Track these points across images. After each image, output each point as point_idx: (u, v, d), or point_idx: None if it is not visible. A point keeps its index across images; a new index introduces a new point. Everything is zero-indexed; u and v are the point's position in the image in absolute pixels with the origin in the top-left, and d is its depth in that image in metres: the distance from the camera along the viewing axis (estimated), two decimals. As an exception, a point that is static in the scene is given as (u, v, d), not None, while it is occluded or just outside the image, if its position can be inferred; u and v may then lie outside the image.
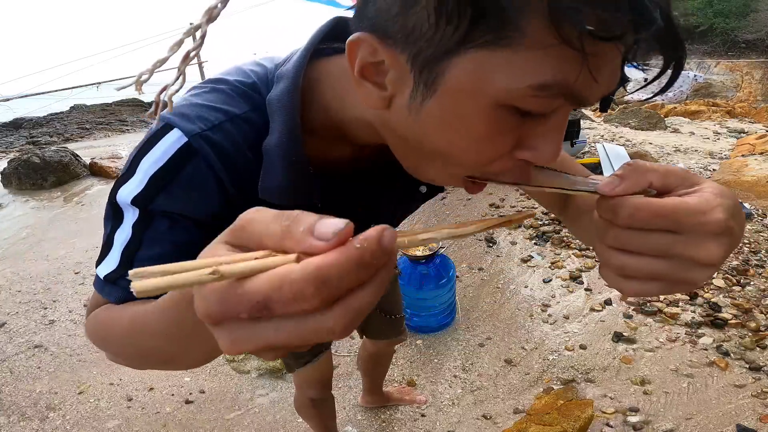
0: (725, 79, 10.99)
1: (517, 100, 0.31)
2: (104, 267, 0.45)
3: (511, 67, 0.29)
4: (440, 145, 0.35)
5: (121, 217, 0.45)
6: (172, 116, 0.43)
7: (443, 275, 1.94)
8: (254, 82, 0.47)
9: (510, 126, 0.33)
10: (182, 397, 1.84)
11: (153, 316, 0.36)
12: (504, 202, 3.45)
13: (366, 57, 0.35)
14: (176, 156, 0.43)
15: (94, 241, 3.47)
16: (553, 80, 0.29)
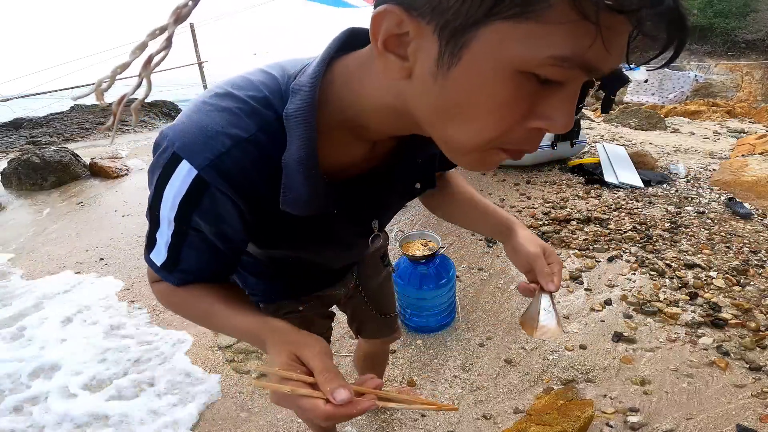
0: (725, 79, 10.99)
1: (537, 68, 0.33)
2: (156, 257, 0.56)
3: (534, 39, 0.32)
4: (465, 108, 0.37)
5: (158, 223, 0.52)
6: (179, 144, 0.46)
7: (443, 275, 1.94)
8: (266, 96, 0.48)
9: (528, 92, 0.35)
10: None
11: (226, 322, 0.56)
12: (504, 202, 3.46)
13: (391, 28, 0.36)
14: (192, 188, 0.47)
15: (94, 241, 3.48)
16: (572, 52, 0.31)
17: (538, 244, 0.70)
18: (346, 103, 0.48)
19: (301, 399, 0.44)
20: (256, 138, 0.47)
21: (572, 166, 4.22)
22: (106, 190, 4.88)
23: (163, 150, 0.48)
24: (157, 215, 0.52)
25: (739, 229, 2.84)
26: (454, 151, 0.43)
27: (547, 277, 0.66)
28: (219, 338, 2.12)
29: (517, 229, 0.75)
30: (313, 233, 0.59)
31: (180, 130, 0.47)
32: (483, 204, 0.82)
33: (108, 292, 2.70)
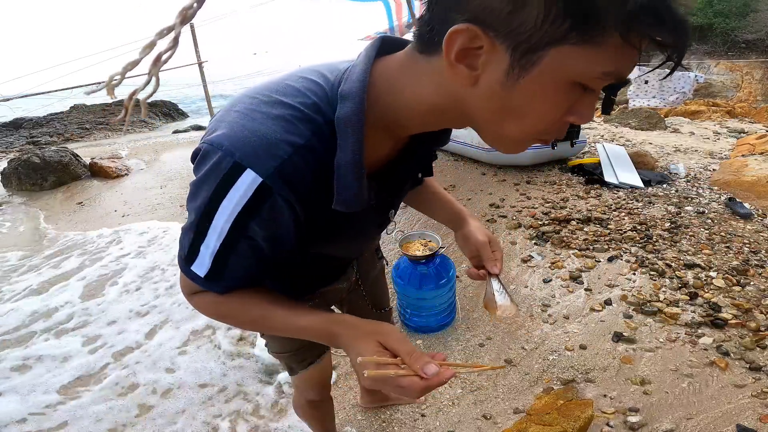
0: (725, 79, 10.98)
1: (588, 81, 0.43)
2: (198, 268, 0.56)
3: (591, 59, 0.41)
4: (526, 109, 0.46)
5: (205, 234, 0.53)
6: (240, 154, 0.47)
7: (443, 275, 1.94)
8: (315, 102, 0.51)
9: (574, 97, 0.45)
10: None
11: (286, 323, 0.60)
12: (504, 202, 3.45)
13: (465, 43, 0.43)
14: (254, 197, 0.49)
15: (92, 242, 3.48)
16: (615, 68, 0.42)
17: (485, 233, 0.84)
18: (386, 105, 0.52)
19: (400, 379, 0.50)
20: (310, 143, 0.50)
21: (572, 166, 4.21)
22: (106, 190, 4.88)
23: (218, 161, 0.49)
24: (207, 226, 0.52)
25: (739, 229, 2.83)
26: (501, 140, 0.52)
27: (491, 262, 0.78)
28: (219, 338, 2.13)
29: (468, 219, 0.87)
30: (348, 227, 0.64)
31: (237, 139, 0.48)
32: (442, 195, 0.94)
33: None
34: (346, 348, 0.57)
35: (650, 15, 0.38)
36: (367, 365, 0.51)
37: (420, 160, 0.71)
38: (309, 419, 1.31)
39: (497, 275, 0.77)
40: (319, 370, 1.05)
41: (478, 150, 4.24)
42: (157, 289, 2.69)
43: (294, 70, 0.57)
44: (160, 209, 4.12)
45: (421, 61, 0.49)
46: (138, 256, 3.15)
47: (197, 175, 0.52)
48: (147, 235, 3.50)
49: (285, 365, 1.05)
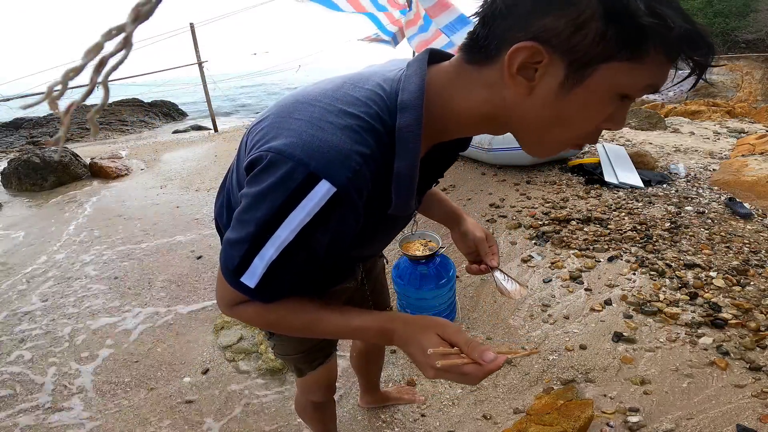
0: (725, 79, 10.98)
1: (632, 93, 0.49)
2: (248, 280, 0.56)
3: (637, 73, 0.47)
4: (573, 117, 0.51)
5: (262, 245, 0.53)
6: (315, 164, 0.48)
7: (443, 275, 1.94)
8: (376, 111, 0.53)
9: (615, 106, 0.50)
10: (183, 396, 1.85)
11: (338, 325, 0.62)
12: (504, 202, 3.45)
13: (527, 58, 0.48)
14: (327, 206, 0.49)
15: (93, 242, 3.48)
16: (654, 82, 0.48)
17: (481, 230, 0.88)
18: (436, 114, 0.56)
19: (465, 366, 0.55)
20: (374, 153, 0.52)
21: (572, 166, 4.21)
22: (106, 191, 4.88)
23: (290, 171, 0.48)
24: (267, 237, 0.52)
25: (739, 229, 2.83)
26: (542, 145, 0.56)
27: (489, 256, 0.85)
28: (219, 338, 2.13)
29: (465, 217, 0.92)
30: (383, 229, 0.69)
31: (310, 149, 0.48)
32: (438, 195, 0.99)
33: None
34: (404, 343, 0.59)
35: (690, 39, 0.45)
36: (436, 356, 0.55)
37: (444, 164, 0.75)
38: (312, 421, 1.31)
39: (497, 267, 0.84)
40: (326, 370, 1.05)
41: (478, 150, 4.24)
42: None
43: (344, 77, 0.58)
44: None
45: (473, 72, 0.54)
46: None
47: (258, 186, 0.51)
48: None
49: (294, 368, 1.05)
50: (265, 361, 1.96)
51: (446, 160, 0.76)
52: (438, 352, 0.56)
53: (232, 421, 1.72)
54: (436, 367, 0.54)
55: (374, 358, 1.51)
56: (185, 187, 4.77)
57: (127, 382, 1.95)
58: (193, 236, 3.45)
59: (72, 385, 1.95)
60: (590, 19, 0.45)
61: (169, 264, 3.03)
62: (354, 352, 1.47)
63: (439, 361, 0.55)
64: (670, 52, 0.46)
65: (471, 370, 0.55)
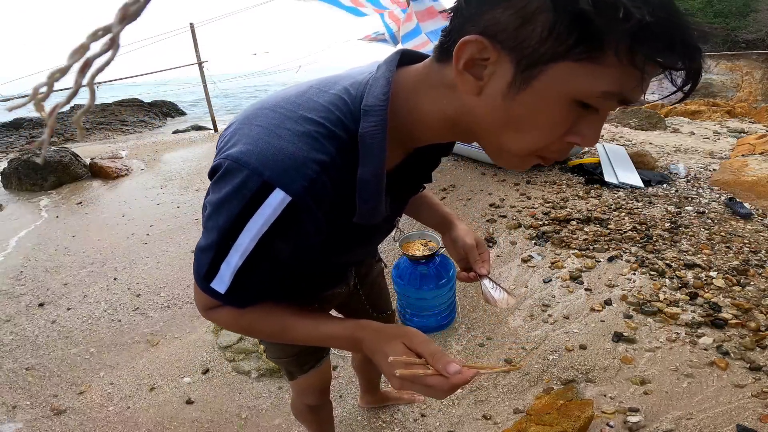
0: (725, 79, 10.98)
1: (588, 99, 0.43)
2: (217, 285, 0.56)
3: (593, 77, 0.41)
4: (524, 122, 0.46)
5: (226, 252, 0.53)
6: (270, 174, 0.47)
7: (443, 275, 1.94)
8: (339, 117, 0.51)
9: (574, 115, 0.45)
10: (183, 397, 1.85)
11: (308, 332, 0.61)
12: (504, 202, 3.45)
13: (474, 54, 0.44)
14: (284, 214, 0.49)
15: (92, 242, 3.48)
16: (618, 89, 0.41)
17: (472, 236, 0.85)
18: (403, 118, 0.53)
19: (428, 378, 0.52)
20: (334, 161, 0.50)
21: (572, 166, 4.21)
22: (106, 191, 4.88)
23: (245, 180, 0.48)
24: (230, 245, 0.52)
25: (739, 229, 2.83)
26: (501, 154, 0.52)
27: (478, 264, 0.82)
28: (219, 338, 2.13)
29: (457, 223, 0.89)
30: (361, 237, 0.66)
31: (265, 158, 0.47)
32: (430, 199, 0.96)
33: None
34: (372, 352, 0.58)
35: (655, 36, 0.37)
36: (397, 365, 0.53)
37: (425, 170, 0.72)
38: (307, 423, 1.31)
39: (487, 275, 0.81)
40: (319, 374, 1.05)
41: (478, 150, 4.24)
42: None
43: (312, 82, 0.56)
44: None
45: (438, 72, 0.50)
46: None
47: (218, 194, 0.51)
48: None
49: (285, 370, 1.05)
50: (265, 361, 1.96)
51: (429, 165, 0.72)
52: (399, 360, 0.53)
53: (232, 421, 1.72)
54: (397, 376, 0.52)
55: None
56: (185, 187, 4.77)
57: (128, 383, 1.95)
58: (193, 236, 3.45)
59: (73, 385, 1.95)
60: (538, 10, 0.39)
61: (169, 264, 3.03)
62: (357, 356, 1.47)
63: (399, 370, 0.52)
64: (628, 52, 0.39)
65: (435, 382, 0.52)
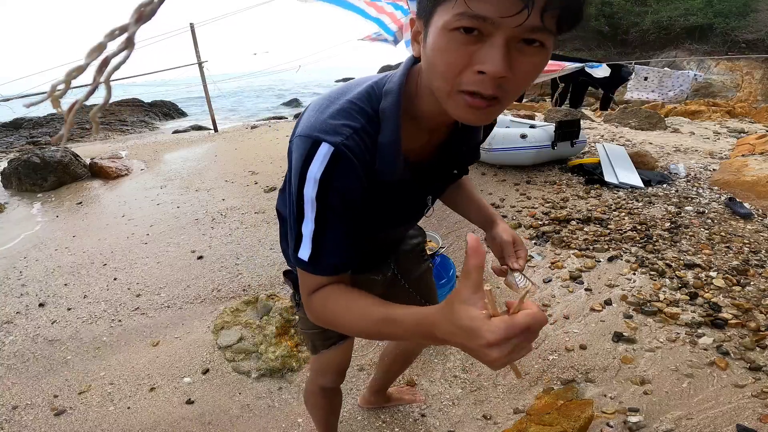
0: (725, 79, 10.98)
1: (453, 24, 0.51)
2: (303, 253, 0.68)
3: (449, 9, 0.51)
4: (433, 60, 0.56)
5: (303, 213, 0.66)
6: (317, 133, 0.63)
7: (443, 275, 1.94)
8: (368, 99, 0.68)
9: (459, 42, 0.52)
10: (183, 397, 1.85)
11: (381, 322, 0.62)
12: (504, 202, 3.46)
13: (415, 28, 0.61)
14: (330, 162, 0.63)
15: (92, 242, 3.48)
16: (463, 10, 0.49)
17: (510, 234, 0.93)
18: (413, 98, 0.68)
19: (517, 319, 0.47)
20: (364, 127, 0.66)
21: (572, 166, 4.21)
22: (106, 191, 4.89)
23: (303, 143, 0.64)
24: (302, 204, 0.65)
25: (739, 229, 2.83)
26: (441, 99, 0.59)
27: (511, 258, 0.88)
28: (219, 338, 2.13)
29: (499, 222, 0.98)
30: (392, 200, 0.77)
31: (314, 126, 0.64)
32: (477, 199, 1.07)
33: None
34: (448, 333, 0.52)
35: None
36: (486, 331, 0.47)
37: (456, 160, 0.84)
38: (317, 409, 1.32)
39: (518, 269, 0.86)
40: (340, 352, 1.09)
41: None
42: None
43: (358, 78, 0.74)
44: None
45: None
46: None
47: (291, 164, 0.67)
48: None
49: (310, 343, 1.11)
50: (265, 362, 1.96)
51: (462, 159, 0.85)
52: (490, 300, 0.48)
53: (232, 421, 1.72)
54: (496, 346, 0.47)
55: (411, 358, 1.54)
56: (185, 187, 4.77)
57: (128, 383, 1.95)
58: (193, 236, 3.45)
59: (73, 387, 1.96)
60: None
61: (169, 264, 3.03)
62: (395, 349, 1.48)
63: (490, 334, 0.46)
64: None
65: (525, 320, 0.47)
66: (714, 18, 12.15)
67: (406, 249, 1.15)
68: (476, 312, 0.48)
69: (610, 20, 13.62)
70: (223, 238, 3.37)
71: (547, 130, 4.15)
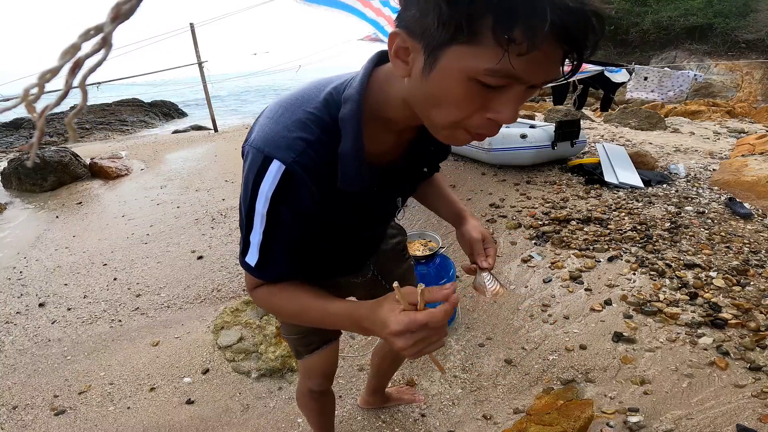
0: (725, 79, 10.98)
1: (479, 76, 0.48)
2: (250, 259, 0.69)
3: (476, 57, 0.47)
4: (439, 98, 0.54)
5: (252, 224, 0.66)
6: (268, 149, 0.61)
7: (443, 275, 1.94)
8: (326, 106, 0.64)
9: (476, 92, 0.51)
10: (183, 397, 1.85)
11: (319, 313, 0.68)
12: (504, 202, 3.45)
13: (399, 44, 0.54)
14: (282, 181, 0.61)
15: (92, 242, 3.48)
16: (498, 67, 0.46)
17: (480, 231, 0.91)
18: (379, 104, 0.64)
19: (419, 315, 0.57)
20: (320, 139, 0.62)
21: (572, 166, 4.21)
22: (106, 191, 4.89)
23: (254, 157, 0.62)
24: (252, 216, 0.65)
25: (739, 229, 2.83)
26: (433, 128, 0.59)
27: (480, 257, 0.88)
28: (219, 338, 2.13)
29: (468, 218, 0.96)
30: (360, 208, 0.75)
31: (267, 139, 0.62)
32: (447, 195, 1.06)
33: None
34: (372, 324, 0.62)
35: (510, 10, 0.43)
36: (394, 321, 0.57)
37: (425, 158, 0.81)
38: (308, 411, 1.33)
39: (487, 269, 0.85)
40: (323, 357, 1.09)
41: (478, 150, 4.24)
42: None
43: (315, 81, 0.69)
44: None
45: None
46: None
47: (243, 173, 0.66)
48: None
49: (293, 349, 1.11)
50: (264, 361, 1.96)
51: (433, 156, 0.83)
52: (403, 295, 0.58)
53: (232, 421, 1.72)
54: (400, 336, 0.57)
55: (397, 357, 1.53)
56: (185, 187, 4.77)
57: (128, 383, 1.95)
58: (193, 236, 3.45)
59: (73, 388, 1.95)
60: (431, 4, 0.48)
61: (169, 264, 3.03)
62: (384, 350, 1.48)
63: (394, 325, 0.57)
64: (498, 36, 0.44)
65: (426, 316, 0.57)
66: (714, 18, 12.14)
67: (386, 249, 1.13)
68: (391, 306, 0.59)
69: (609, 20, 13.65)
70: (223, 238, 3.37)
71: (547, 130, 4.15)
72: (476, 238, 0.90)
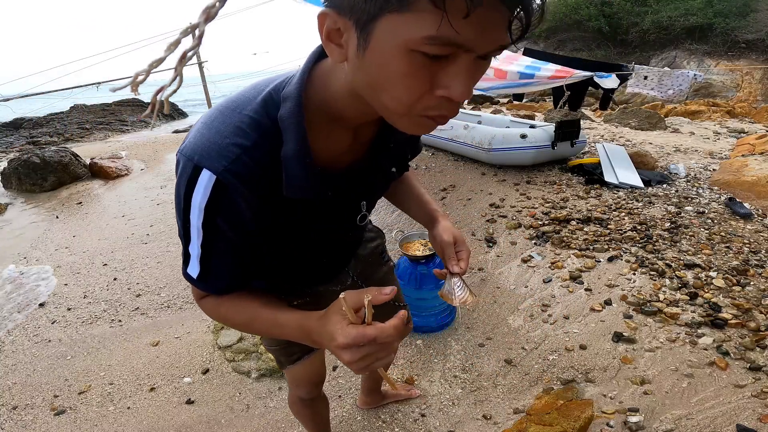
0: (725, 79, 10.97)
1: (419, 47, 0.43)
2: (192, 271, 0.65)
3: (411, 24, 0.42)
4: (381, 80, 0.47)
5: (189, 237, 0.61)
6: (198, 158, 0.56)
7: (443, 275, 1.94)
8: (263, 108, 0.58)
9: (421, 65, 0.45)
10: (183, 397, 1.85)
11: (268, 323, 0.65)
12: (504, 202, 3.45)
13: (330, 25, 0.48)
14: (214, 192, 0.56)
15: (92, 242, 3.48)
16: (437, 34, 0.41)
17: (451, 234, 0.85)
18: (325, 100, 0.59)
19: (368, 329, 0.53)
20: (257, 144, 0.57)
21: (572, 166, 4.21)
22: (107, 191, 4.89)
23: (185, 166, 0.57)
24: (188, 228, 0.61)
25: (739, 229, 2.83)
26: (390, 117, 0.53)
27: (451, 261, 0.81)
28: (219, 338, 2.13)
29: (440, 219, 0.90)
30: (314, 215, 0.69)
31: (197, 146, 0.57)
32: (418, 194, 0.99)
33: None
34: (320, 336, 0.58)
35: None
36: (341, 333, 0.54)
37: (390, 155, 0.75)
38: (301, 417, 1.33)
39: (458, 274, 0.79)
40: (307, 367, 1.07)
41: (478, 150, 4.24)
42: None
43: (256, 82, 0.64)
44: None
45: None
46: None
47: (176, 182, 0.60)
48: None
49: (276, 359, 1.08)
50: (264, 361, 1.96)
51: (400, 153, 0.79)
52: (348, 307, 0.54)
53: (232, 421, 1.72)
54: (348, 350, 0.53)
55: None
56: (185, 187, 4.77)
57: (128, 383, 1.95)
58: (193, 236, 3.46)
59: (73, 388, 1.95)
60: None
61: (169, 264, 3.03)
62: None
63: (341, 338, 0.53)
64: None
65: (375, 332, 0.53)
66: (714, 18, 12.14)
67: (365, 254, 1.07)
68: (338, 318, 0.55)
69: (610, 20, 13.62)
70: (223, 238, 3.37)
71: (547, 130, 4.15)
72: (447, 241, 0.83)
